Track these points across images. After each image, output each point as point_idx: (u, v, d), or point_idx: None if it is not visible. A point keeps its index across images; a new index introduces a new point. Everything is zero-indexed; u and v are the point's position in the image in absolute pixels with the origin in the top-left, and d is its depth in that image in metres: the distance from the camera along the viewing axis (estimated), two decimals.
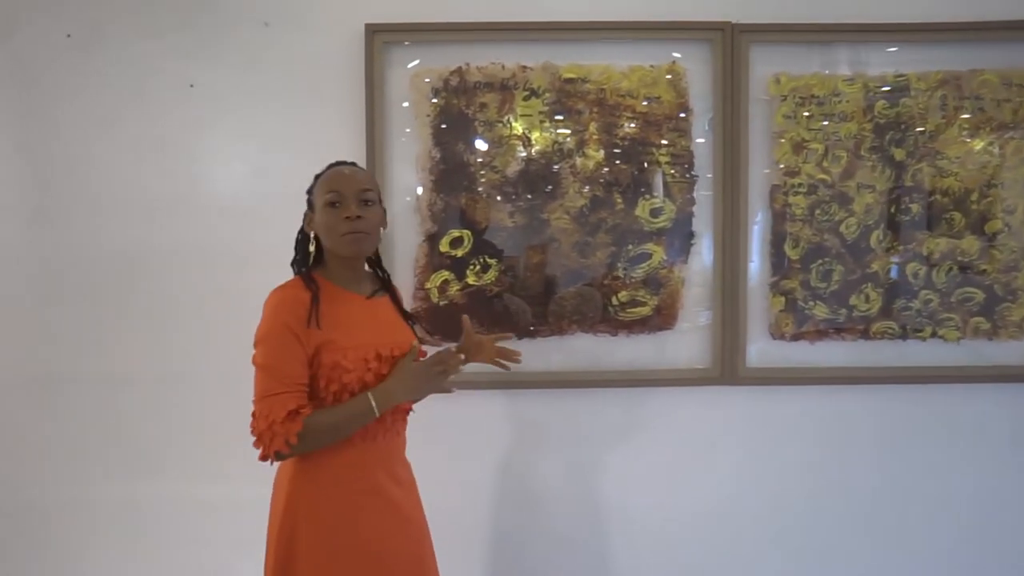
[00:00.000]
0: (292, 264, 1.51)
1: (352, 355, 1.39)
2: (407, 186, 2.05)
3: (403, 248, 2.06)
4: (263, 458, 1.35)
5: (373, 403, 1.38)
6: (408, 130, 2.04)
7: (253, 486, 1.59)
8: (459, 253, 2.06)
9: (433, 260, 2.06)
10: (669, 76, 2.05)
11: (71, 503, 2.11)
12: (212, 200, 2.06)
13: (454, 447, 2.09)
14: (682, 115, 2.05)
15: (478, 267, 2.06)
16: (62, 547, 2.12)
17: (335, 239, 1.43)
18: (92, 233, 2.06)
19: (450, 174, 2.05)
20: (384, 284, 1.59)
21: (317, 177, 1.50)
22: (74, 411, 2.09)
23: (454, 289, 2.07)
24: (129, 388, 2.07)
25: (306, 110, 2.04)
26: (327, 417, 1.37)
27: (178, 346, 2.07)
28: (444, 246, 2.06)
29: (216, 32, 2.03)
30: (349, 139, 2.02)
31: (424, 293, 2.06)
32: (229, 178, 2.07)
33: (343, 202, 1.43)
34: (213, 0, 2.02)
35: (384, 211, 1.54)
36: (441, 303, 2.06)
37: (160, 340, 2.07)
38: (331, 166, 1.51)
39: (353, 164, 1.53)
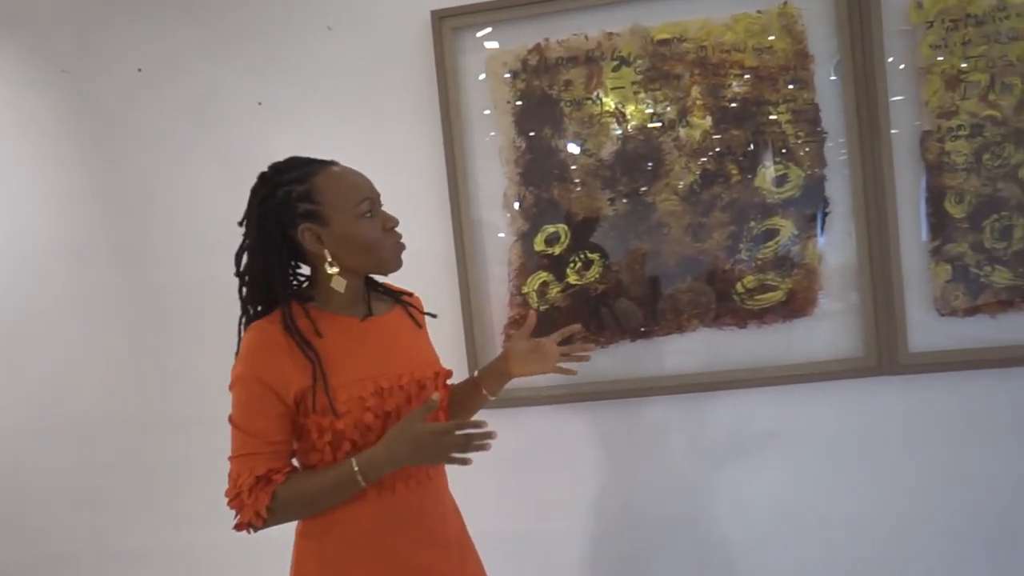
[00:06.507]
0: (244, 301, 1.21)
1: (343, 395, 1.13)
2: (492, 182, 1.86)
3: (494, 251, 1.87)
4: (237, 529, 1.14)
5: (357, 472, 1.11)
6: (488, 121, 1.85)
7: None
8: (556, 250, 1.85)
9: (529, 261, 1.86)
10: (781, 20, 1.75)
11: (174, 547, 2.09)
12: None
13: (572, 464, 1.89)
14: (801, 64, 1.75)
15: (579, 264, 1.85)
16: None
17: (379, 255, 1.19)
18: (177, 268, 2.01)
19: (538, 164, 1.84)
20: (392, 297, 1.32)
21: (297, 179, 1.16)
22: (169, 452, 2.06)
23: (554, 291, 1.86)
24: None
25: (378, 113, 1.90)
26: (304, 487, 1.13)
27: None
28: (539, 244, 1.86)
29: (279, 44, 1.93)
30: (426, 138, 1.87)
31: (522, 299, 1.87)
32: None
33: (376, 210, 1.18)
34: (275, 11, 1.93)
35: None
36: (542, 308, 1.86)
37: None
38: (314, 163, 1.19)
39: (333, 162, 1.22)
